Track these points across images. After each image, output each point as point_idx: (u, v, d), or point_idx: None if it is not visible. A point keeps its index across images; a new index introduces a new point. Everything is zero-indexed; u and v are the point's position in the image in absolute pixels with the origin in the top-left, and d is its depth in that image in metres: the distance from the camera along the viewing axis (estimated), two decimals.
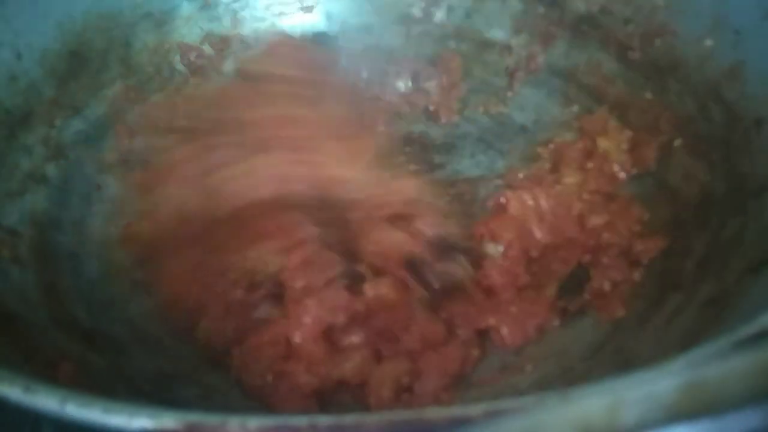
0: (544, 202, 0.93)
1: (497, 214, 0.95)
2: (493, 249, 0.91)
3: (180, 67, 1.10)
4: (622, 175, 0.95)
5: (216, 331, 0.83)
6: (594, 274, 0.88)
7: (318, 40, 1.14)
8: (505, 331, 0.84)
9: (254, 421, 0.53)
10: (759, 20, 0.86)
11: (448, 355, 0.81)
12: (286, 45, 1.10)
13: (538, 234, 0.91)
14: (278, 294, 0.84)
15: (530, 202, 0.93)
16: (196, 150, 0.96)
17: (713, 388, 0.33)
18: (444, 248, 0.90)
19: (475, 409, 0.53)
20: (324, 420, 0.53)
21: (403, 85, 1.12)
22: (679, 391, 0.33)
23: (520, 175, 1.00)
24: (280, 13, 1.16)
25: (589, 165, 0.97)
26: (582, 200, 0.93)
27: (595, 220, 0.91)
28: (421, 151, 1.06)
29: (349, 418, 0.54)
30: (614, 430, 0.33)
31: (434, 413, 0.53)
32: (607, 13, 1.03)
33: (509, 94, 1.11)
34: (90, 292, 0.87)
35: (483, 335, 0.85)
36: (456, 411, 0.54)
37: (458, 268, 0.88)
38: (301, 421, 0.53)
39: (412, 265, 0.87)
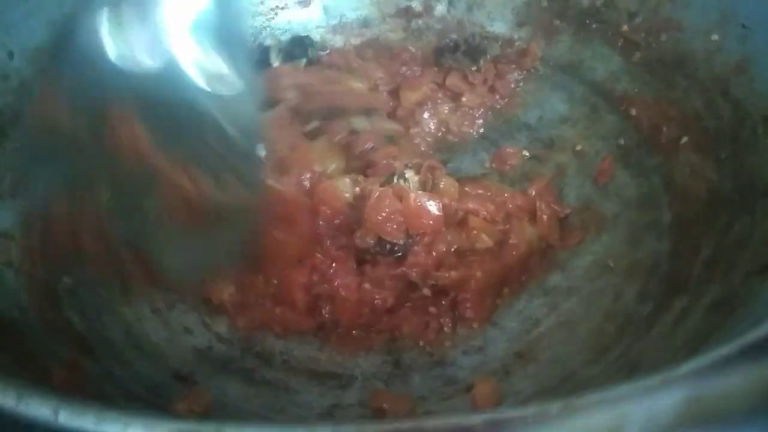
0: None
1: None
2: None
3: None
4: None
5: None
6: None
7: None
8: None
9: (251, 429, 0.52)
10: (767, 14, 0.84)
11: None
12: None
13: None
14: None
15: None
16: None
17: (716, 402, 0.32)
18: None
19: (476, 419, 0.52)
20: (323, 428, 0.52)
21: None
22: (682, 406, 0.32)
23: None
24: (276, 8, 1.15)
25: None
26: None
27: None
28: None
29: (348, 427, 0.53)
30: None
31: (435, 423, 0.52)
32: (612, 6, 1.02)
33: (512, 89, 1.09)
34: (83, 297, 0.86)
35: None
36: (457, 420, 0.52)
37: None
38: (299, 429, 0.53)
39: None
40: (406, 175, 0.91)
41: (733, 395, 0.32)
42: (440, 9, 1.12)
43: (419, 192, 0.88)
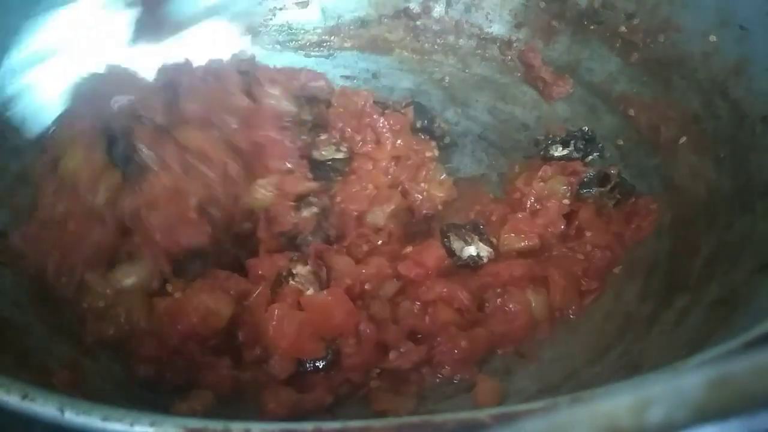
0: None
1: None
2: None
3: None
4: None
5: None
6: None
7: None
8: None
9: (257, 427, 0.52)
10: (765, 15, 0.85)
11: None
12: None
13: None
14: None
15: None
16: None
17: (742, 385, 0.31)
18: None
19: (484, 413, 0.52)
20: (329, 425, 0.52)
21: None
22: (707, 389, 0.31)
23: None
24: (275, 9, 1.14)
25: None
26: None
27: None
28: None
29: (356, 423, 0.52)
30: (641, 429, 0.32)
31: (442, 418, 0.52)
32: (609, 8, 1.02)
33: (510, 90, 1.10)
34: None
35: None
36: (465, 415, 0.52)
37: None
38: (306, 426, 0.52)
39: None
40: (295, 271, 0.82)
41: (758, 380, 0.31)
42: (438, 10, 1.13)
43: (316, 292, 0.80)
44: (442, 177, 0.98)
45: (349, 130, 0.94)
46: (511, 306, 0.84)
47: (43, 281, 0.82)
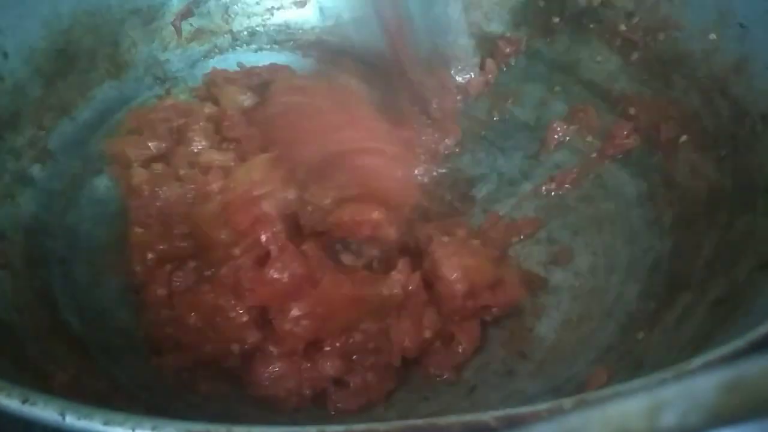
0: None
1: None
2: None
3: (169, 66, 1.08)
4: None
5: None
6: None
7: None
8: None
9: (260, 430, 0.52)
10: (764, 13, 0.85)
11: None
12: None
13: None
14: None
15: None
16: None
17: (756, 388, 0.31)
18: None
19: (490, 416, 0.52)
20: (334, 428, 0.52)
21: None
22: (721, 391, 0.31)
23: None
24: (272, 8, 1.14)
25: None
26: None
27: None
28: None
29: (360, 426, 0.52)
30: None
31: (447, 420, 0.52)
32: (609, 6, 1.02)
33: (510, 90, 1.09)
34: (81, 299, 0.85)
35: None
36: (470, 418, 0.52)
37: None
38: (309, 430, 0.52)
39: None
40: None
41: None
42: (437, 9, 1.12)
43: None
44: None
45: None
46: None
47: None
